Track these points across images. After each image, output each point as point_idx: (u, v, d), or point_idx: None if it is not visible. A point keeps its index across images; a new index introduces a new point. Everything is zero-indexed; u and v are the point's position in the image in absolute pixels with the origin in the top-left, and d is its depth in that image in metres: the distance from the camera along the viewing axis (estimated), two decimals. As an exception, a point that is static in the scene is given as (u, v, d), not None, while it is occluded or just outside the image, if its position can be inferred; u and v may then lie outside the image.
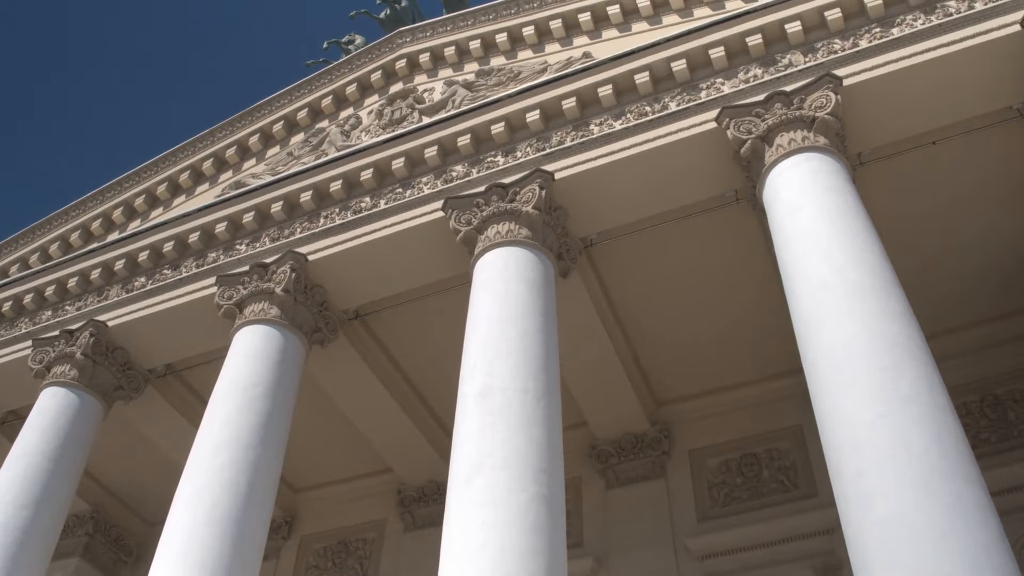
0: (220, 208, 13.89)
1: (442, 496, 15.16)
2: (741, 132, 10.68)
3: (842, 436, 7.71)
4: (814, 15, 11.40)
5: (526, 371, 9.52)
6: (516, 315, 10.12)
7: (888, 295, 8.59)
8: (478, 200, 11.70)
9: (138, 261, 14.23)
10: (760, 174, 10.52)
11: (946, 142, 11.21)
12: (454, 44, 14.81)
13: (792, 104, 10.65)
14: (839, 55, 11.05)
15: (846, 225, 9.25)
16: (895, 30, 10.97)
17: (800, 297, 8.92)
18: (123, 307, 13.86)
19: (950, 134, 11.13)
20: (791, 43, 11.45)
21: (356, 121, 14.77)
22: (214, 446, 10.59)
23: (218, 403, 11.16)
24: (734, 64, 11.65)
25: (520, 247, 11.02)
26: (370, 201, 12.88)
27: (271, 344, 11.84)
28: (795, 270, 9.18)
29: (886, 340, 8.13)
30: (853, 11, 11.30)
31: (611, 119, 11.92)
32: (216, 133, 15.81)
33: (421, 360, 14.35)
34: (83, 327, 13.59)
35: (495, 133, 12.47)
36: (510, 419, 9.01)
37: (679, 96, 11.69)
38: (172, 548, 9.69)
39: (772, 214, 10.05)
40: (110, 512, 16.65)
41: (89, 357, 13.34)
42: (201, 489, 10.15)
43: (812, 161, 10.06)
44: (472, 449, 8.86)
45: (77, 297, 14.57)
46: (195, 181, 15.70)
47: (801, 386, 13.79)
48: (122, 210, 15.78)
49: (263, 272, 12.62)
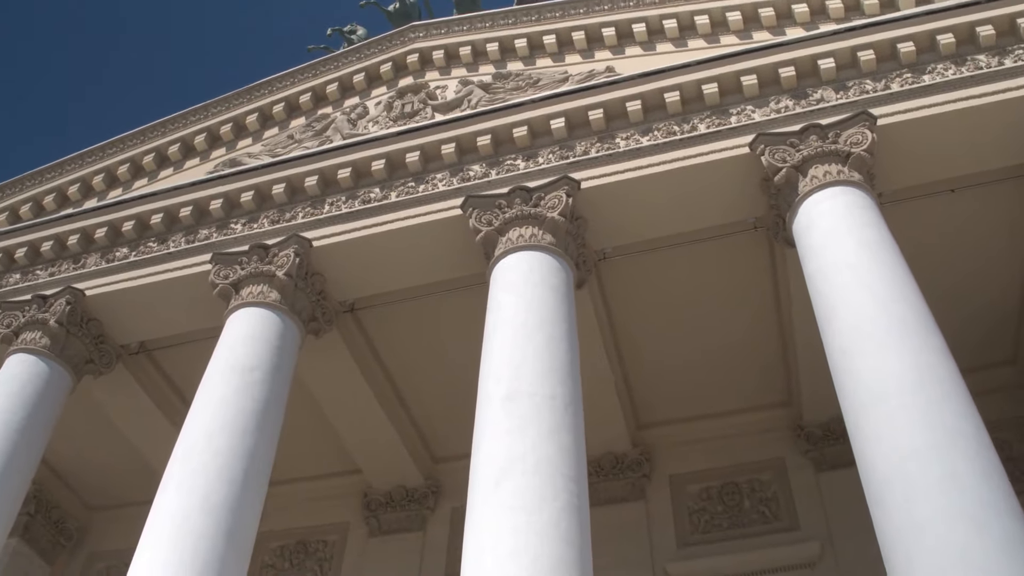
0: (216, 184, 13.36)
1: (410, 503, 14.88)
2: (776, 160, 10.73)
3: (887, 464, 7.71)
4: (847, 54, 11.58)
5: (554, 377, 9.32)
6: (542, 320, 9.92)
7: (928, 330, 8.68)
8: (500, 201, 11.49)
9: (121, 231, 13.55)
10: (792, 203, 10.57)
11: (967, 191, 11.47)
12: (470, 44, 14.59)
13: (827, 138, 10.76)
14: (870, 95, 11.23)
15: (886, 260, 9.34)
16: (926, 77, 11.20)
17: (840, 326, 8.94)
18: (101, 277, 13.17)
19: (970, 183, 11.39)
20: (823, 79, 11.59)
21: (363, 111, 14.41)
22: (209, 429, 10.07)
23: (214, 384, 10.64)
24: (765, 93, 11.73)
25: (544, 252, 10.84)
26: (380, 192, 12.54)
27: (270, 328, 11.38)
28: (834, 300, 9.20)
29: (931, 374, 8.19)
30: (885, 54, 11.51)
31: (638, 134, 11.87)
32: (211, 108, 15.23)
33: (408, 362, 13.99)
34: (59, 294, 12.84)
35: (517, 136, 12.29)
36: (539, 425, 8.79)
37: (708, 119, 11.71)
38: (163, 533, 9.15)
39: (807, 243, 10.08)
40: (53, 493, 15.75)
41: (63, 326, 12.60)
42: (195, 474, 9.62)
43: (848, 195, 10.16)
44: (500, 452, 8.60)
45: (51, 262, 13.79)
46: (184, 155, 15.08)
47: (785, 419, 14.23)
48: (103, 177, 15.04)
49: (263, 254, 12.15)
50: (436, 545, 14.44)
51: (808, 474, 13.61)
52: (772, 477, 13.81)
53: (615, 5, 13.91)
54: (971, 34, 11.30)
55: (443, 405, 14.60)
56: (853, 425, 8.33)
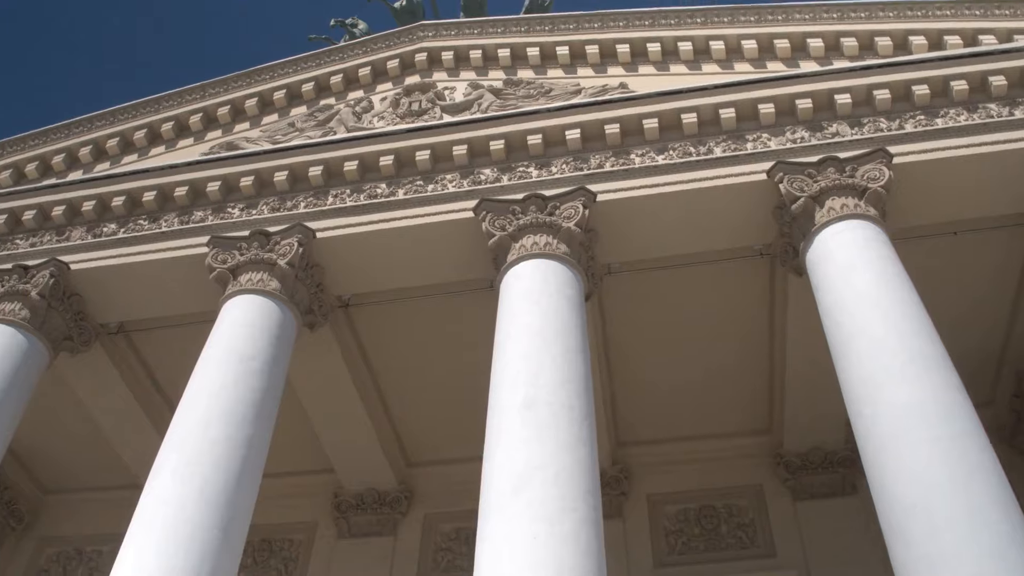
0: (215, 166, 13.01)
1: (381, 506, 14.62)
2: (794, 188, 10.84)
3: (910, 496, 7.77)
4: (863, 91, 11.77)
5: (571, 388, 9.24)
6: (559, 330, 9.84)
7: (946, 367, 8.83)
8: (514, 207, 11.40)
9: (110, 205, 13.09)
10: (807, 233, 10.67)
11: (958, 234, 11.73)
12: (481, 48, 14.50)
13: (844, 171, 10.91)
14: (885, 134, 11.43)
15: (904, 296, 9.49)
16: (939, 121, 11.45)
17: (861, 357, 9.01)
18: (87, 252, 12.68)
19: (971, 227, 11.66)
20: (838, 113, 11.76)
21: (368, 105, 14.20)
22: (207, 417, 9.73)
23: (211, 370, 10.30)
24: (781, 123, 11.85)
25: (558, 262, 10.77)
26: (387, 188, 12.34)
27: (269, 318, 11.08)
28: (854, 330, 9.29)
29: (952, 409, 8.33)
30: (900, 95, 11.73)
31: (653, 152, 11.89)
32: (208, 88, 14.85)
33: (395, 363, 13.75)
34: (43, 265, 12.33)
35: (531, 144, 12.21)
36: (558, 436, 8.69)
37: (724, 143, 11.79)
38: (157, 521, 8.79)
39: (823, 272, 10.19)
40: (6, 472, 15.06)
41: (45, 299, 12.09)
42: (191, 462, 9.28)
43: (866, 230, 10.31)
44: (519, 460, 8.47)
45: (32, 232, 13.24)
46: (178, 134, 14.65)
47: (765, 447, 14.36)
48: (90, 149, 14.53)
49: (264, 241, 11.85)
50: (407, 551, 14.20)
51: (786, 502, 13.73)
52: (750, 503, 13.90)
53: (630, 23, 13.97)
54: (983, 82, 11.59)
55: (424, 410, 14.42)
56: (873, 454, 8.38)
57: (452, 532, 14.37)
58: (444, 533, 14.39)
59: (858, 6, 13.06)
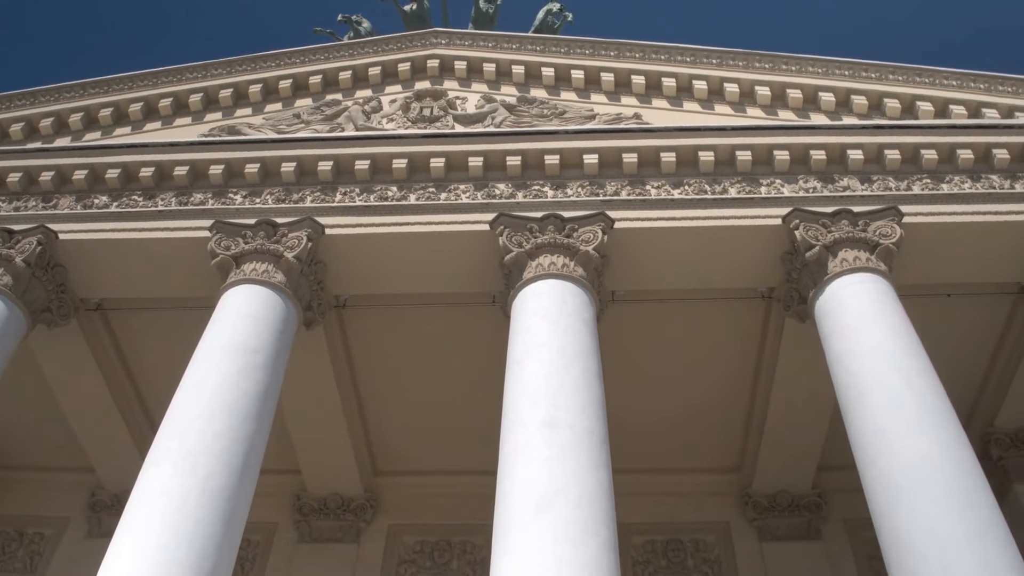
0: (219, 149, 12.66)
1: (345, 513, 14.34)
2: (810, 236, 11.07)
3: (927, 547, 7.95)
4: (874, 149, 12.12)
5: (591, 412, 9.24)
6: (577, 353, 9.83)
7: (955, 422, 9.11)
8: (532, 225, 11.37)
9: (104, 177, 12.59)
10: (819, 281, 10.90)
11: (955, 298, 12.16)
12: (495, 62, 14.48)
13: (857, 224, 11.19)
14: (893, 192, 11.77)
15: (915, 351, 9.77)
16: (945, 186, 11.85)
17: (874, 408, 9.22)
18: (76, 222, 12.16)
19: (966, 292, 12.08)
20: (849, 168, 12.08)
21: (377, 105, 14.02)
22: (210, 408, 9.38)
23: (216, 360, 9.96)
24: (794, 171, 12.11)
25: (575, 284, 10.76)
26: (397, 191, 12.18)
27: (273, 310, 10.78)
28: (866, 380, 9.50)
29: (963, 464, 8.59)
30: (909, 157, 12.11)
31: (669, 186, 12.01)
32: (211, 68, 14.46)
33: (379, 368, 13.53)
34: (31, 231, 11.78)
35: (548, 163, 12.21)
36: (579, 458, 8.66)
37: (738, 184, 11.98)
38: (158, 513, 8.43)
39: (834, 321, 10.40)
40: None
41: (30, 267, 11.54)
42: (195, 454, 8.93)
43: (877, 283, 10.58)
44: (541, 479, 8.40)
45: (16, 195, 12.64)
46: (175, 111, 14.21)
47: (733, 485, 14.54)
48: (81, 116, 13.97)
49: (271, 231, 11.55)
50: (369, 561, 13.91)
51: (752, 542, 13.93)
52: (716, 540, 14.06)
53: (646, 55, 14.13)
54: (987, 154, 12.05)
55: (400, 419, 14.23)
56: (885, 504, 8.55)
57: (416, 545, 14.17)
58: (408, 546, 14.17)
59: (869, 66, 13.48)
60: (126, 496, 14.00)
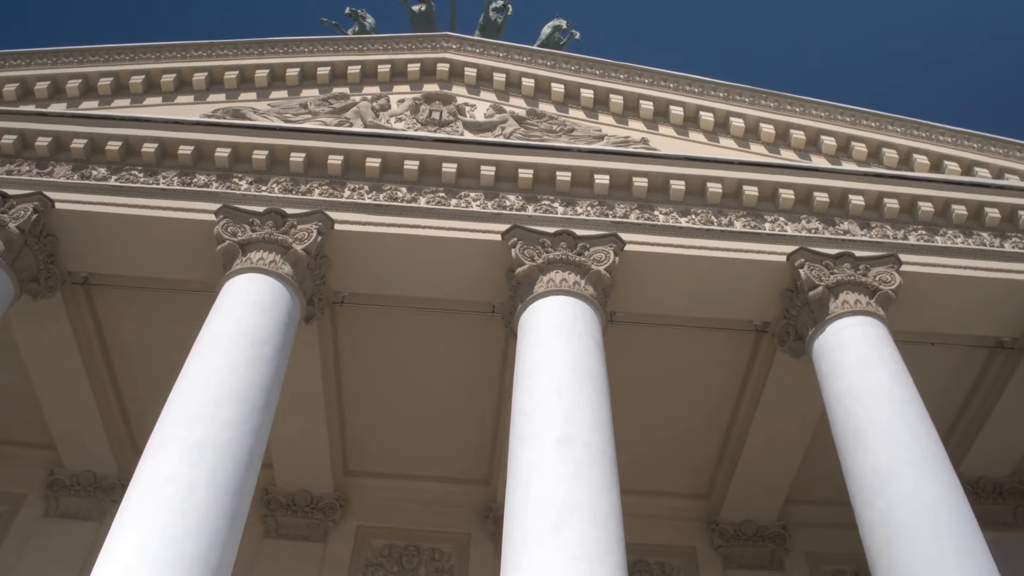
0: (226, 131, 12.41)
1: (314, 511, 14.15)
2: (814, 276, 11.34)
3: None
4: (874, 196, 12.47)
5: (603, 431, 9.32)
6: (589, 372, 9.90)
7: (950, 467, 9.41)
8: (544, 240, 11.40)
9: (104, 148, 12.25)
10: (819, 321, 11.16)
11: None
12: (505, 72, 14.51)
13: (859, 269, 11.49)
14: (891, 241, 12.14)
15: (913, 396, 10.08)
16: (939, 239, 12.28)
17: (875, 448, 9.47)
18: (74, 192, 11.78)
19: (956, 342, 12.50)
20: (850, 212, 12.41)
21: (386, 103, 13.92)
22: (219, 397, 9.16)
23: (222, 348, 9.73)
24: (797, 210, 12.39)
25: (585, 303, 10.84)
26: (407, 193, 12.10)
27: (280, 302, 10.60)
28: (866, 421, 9.76)
29: (959, 507, 8.91)
30: (906, 207, 12.51)
31: (677, 213, 12.18)
32: (216, 48, 14.17)
33: (364, 369, 13.39)
34: (27, 197, 11.37)
35: (559, 180, 12.28)
36: (594, 478, 8.73)
37: (744, 219, 12.21)
38: (164, 501, 8.15)
39: (834, 360, 10.65)
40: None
41: (24, 234, 11.15)
42: (202, 443, 8.70)
43: (876, 327, 10.89)
44: (557, 497, 8.43)
45: (9, 158, 12.20)
46: (177, 87, 13.87)
47: (702, 511, 14.72)
48: (80, 83, 13.53)
49: (280, 221, 11.36)
50: (337, 561, 13.73)
51: (716, 569, 14.16)
52: (683, 564, 14.25)
53: (655, 81, 14.33)
54: (979, 211, 12.52)
55: (379, 420, 14.10)
56: (884, 543, 8.77)
57: (384, 549, 14.03)
58: (376, 549, 14.04)
59: (869, 115, 13.90)
60: (86, 477, 13.91)
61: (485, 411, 13.80)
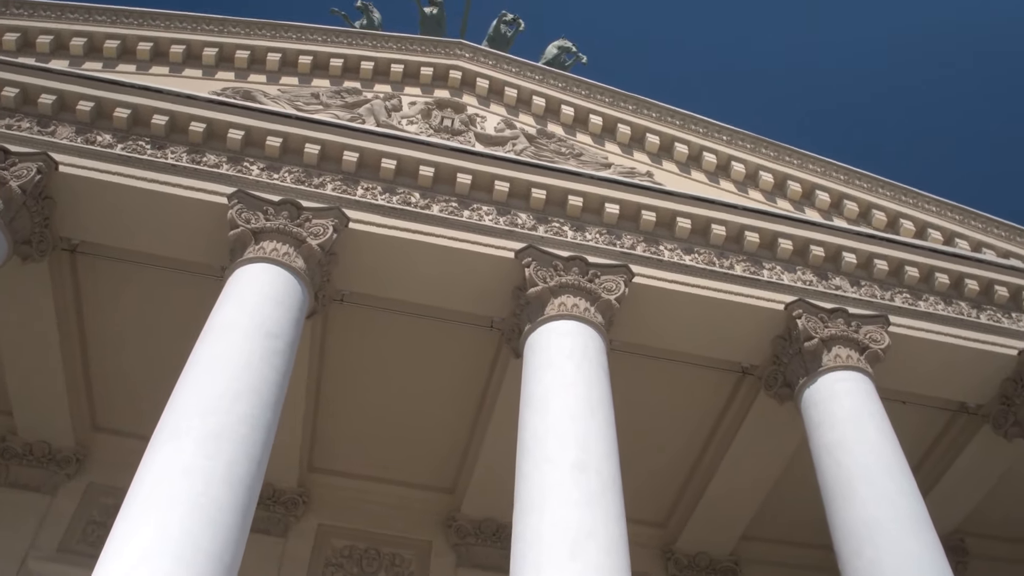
0: (241, 113, 12.12)
1: (276, 505, 14.04)
2: (810, 327, 11.71)
3: None
4: (865, 256, 12.94)
5: (613, 459, 9.48)
6: (600, 400, 10.03)
7: (931, 524, 9.86)
8: (556, 263, 11.49)
9: (111, 115, 11.84)
10: (812, 372, 11.51)
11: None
12: (517, 88, 14.58)
13: (851, 325, 11.92)
14: (878, 300, 12.62)
15: (899, 453, 10.53)
16: (921, 303, 12.82)
17: (864, 500, 9.83)
18: (76, 156, 11.35)
19: (925, 403, 13.07)
20: (842, 268, 12.84)
21: (397, 104, 13.82)
22: (235, 390, 8.95)
23: (235, 339, 9.49)
24: (793, 261, 12.76)
25: (594, 330, 10.97)
26: (420, 199, 12.03)
27: (293, 296, 10.43)
28: (856, 473, 10.13)
29: (942, 564, 9.33)
30: (894, 269, 13.01)
31: (681, 251, 12.41)
32: (228, 25, 13.85)
33: (347, 369, 13.24)
34: (31, 156, 10.90)
35: (570, 204, 12.38)
36: (607, 506, 8.86)
37: (744, 263, 12.52)
38: (181, 493, 7.90)
39: (824, 411, 11.01)
40: None
41: (25, 194, 10.70)
42: (218, 436, 8.48)
43: (866, 383, 11.32)
44: (571, 522, 8.53)
45: (9, 112, 11.68)
46: (185, 60, 13.52)
47: (657, 539, 14.99)
48: (84, 42, 13.07)
49: (295, 213, 11.17)
50: (297, 558, 13.51)
51: (667, 597, 14.45)
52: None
53: (662, 116, 14.61)
54: (959, 282, 13.11)
55: (350, 419, 13.94)
56: None
57: (345, 549, 13.89)
58: (337, 549, 13.88)
59: (862, 175, 14.46)
60: (40, 448, 13.40)
61: (461, 421, 13.80)
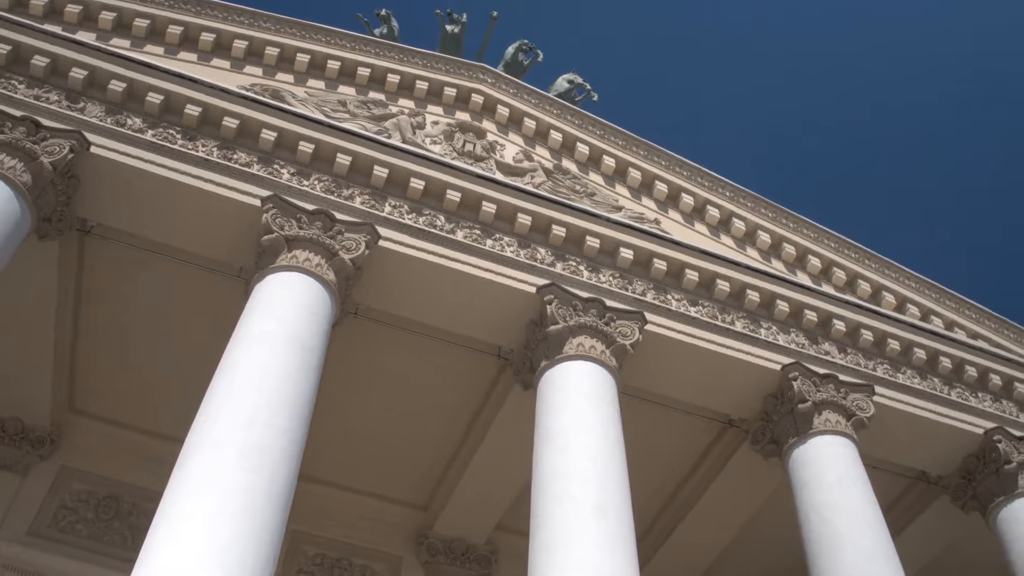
0: (273, 114, 11.99)
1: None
2: (805, 389, 12.25)
3: None
4: (853, 325, 13.58)
5: (627, 504, 9.77)
6: (616, 442, 10.36)
7: None
8: (576, 303, 11.75)
9: (143, 98, 11.59)
10: (803, 433, 12.04)
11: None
12: (536, 120, 14.81)
13: (840, 391, 12.51)
14: (862, 369, 13.27)
15: (881, 516, 11.17)
16: (900, 376, 13.53)
17: (853, 556, 10.43)
18: (107, 137, 11.10)
19: (891, 470, 13.76)
20: (831, 335, 13.45)
21: (422, 121, 13.90)
22: (275, 402, 8.90)
23: (276, 351, 9.42)
24: (787, 323, 13.31)
25: (609, 373, 11.26)
26: (445, 222, 12.13)
27: (324, 309, 10.43)
28: (842, 533, 10.72)
29: None
30: (877, 340, 13.69)
31: (687, 302, 12.82)
32: (259, 19, 13.72)
33: (348, 387, 13.22)
34: (64, 133, 10.62)
35: (588, 244, 12.64)
36: (624, 548, 9.19)
37: (743, 320, 13.01)
38: (228, 505, 7.85)
39: (814, 473, 11.55)
40: None
41: (56, 172, 10.42)
42: (260, 449, 8.43)
43: (852, 449, 11.94)
44: (593, 562, 8.83)
45: (38, 82, 11.33)
46: (213, 50, 13.33)
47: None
48: (114, 17, 12.77)
49: (328, 224, 11.15)
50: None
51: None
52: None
53: (671, 166, 15.06)
54: (934, 359, 13.88)
55: (333, 429, 13.85)
56: None
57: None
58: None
59: (850, 245, 15.18)
60: (13, 424, 12.94)
61: (448, 441, 13.91)
